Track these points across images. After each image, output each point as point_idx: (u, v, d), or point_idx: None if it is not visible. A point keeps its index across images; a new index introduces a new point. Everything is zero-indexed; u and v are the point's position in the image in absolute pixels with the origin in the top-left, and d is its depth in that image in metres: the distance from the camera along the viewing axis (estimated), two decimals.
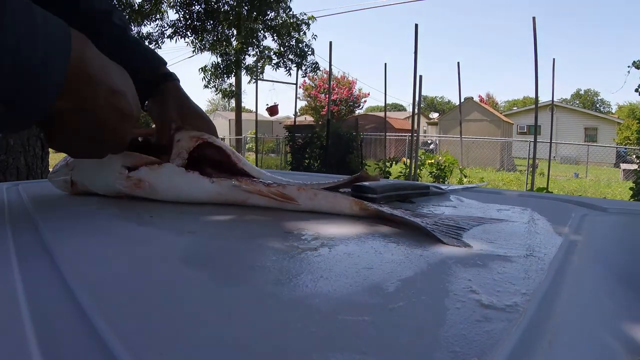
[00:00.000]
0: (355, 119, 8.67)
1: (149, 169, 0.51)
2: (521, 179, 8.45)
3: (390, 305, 0.23)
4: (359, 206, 0.46)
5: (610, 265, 0.35)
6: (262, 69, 8.03)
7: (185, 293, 0.25)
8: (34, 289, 0.25)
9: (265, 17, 7.52)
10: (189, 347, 0.19)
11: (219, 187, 0.49)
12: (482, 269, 0.30)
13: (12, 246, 0.34)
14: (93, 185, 0.56)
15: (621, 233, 0.49)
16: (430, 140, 14.91)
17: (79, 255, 0.32)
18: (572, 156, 15.05)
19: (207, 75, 8.46)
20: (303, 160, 6.63)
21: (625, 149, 13.40)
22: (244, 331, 0.21)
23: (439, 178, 5.94)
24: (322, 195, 0.48)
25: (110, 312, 0.22)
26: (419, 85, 5.25)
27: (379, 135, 9.12)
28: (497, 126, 13.47)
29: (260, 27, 7.50)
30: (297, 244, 0.35)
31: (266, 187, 0.48)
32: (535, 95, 5.00)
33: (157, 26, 7.57)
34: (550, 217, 0.50)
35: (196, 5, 7.53)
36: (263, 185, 0.49)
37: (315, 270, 0.29)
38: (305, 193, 0.48)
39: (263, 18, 7.48)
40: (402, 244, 0.36)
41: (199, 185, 0.50)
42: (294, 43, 7.70)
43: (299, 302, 0.24)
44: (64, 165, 0.59)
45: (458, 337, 0.20)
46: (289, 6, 7.68)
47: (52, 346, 0.19)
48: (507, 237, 0.39)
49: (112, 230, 0.40)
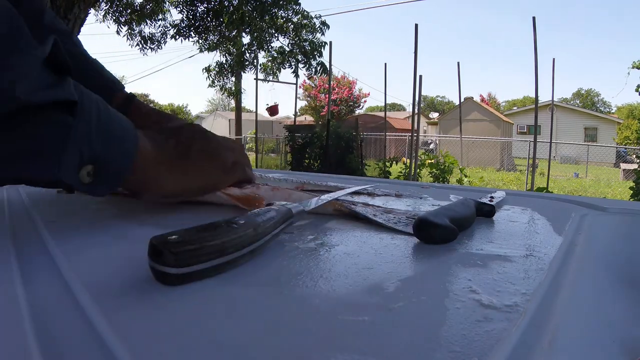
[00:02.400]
0: (355, 118, 8.67)
1: None
2: (521, 178, 8.45)
3: (390, 305, 0.23)
4: (333, 207, 0.47)
5: (610, 265, 0.35)
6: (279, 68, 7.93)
7: (185, 293, 0.25)
8: (34, 289, 0.25)
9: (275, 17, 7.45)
10: (188, 347, 0.19)
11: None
12: (482, 269, 0.30)
13: (12, 246, 0.34)
14: None
15: (621, 233, 0.49)
16: (430, 140, 14.91)
17: (79, 255, 0.32)
18: (572, 156, 15.05)
19: (212, 75, 8.44)
20: (303, 160, 6.63)
21: (625, 149, 13.42)
22: (244, 331, 0.21)
23: (439, 178, 5.94)
24: (297, 196, 0.49)
25: (110, 312, 0.22)
26: (419, 85, 5.25)
27: (378, 135, 9.12)
28: (497, 126, 13.47)
29: (265, 26, 7.45)
30: (297, 244, 0.35)
31: (240, 190, 0.49)
32: (535, 95, 5.00)
33: (159, 27, 7.55)
34: (550, 217, 0.50)
35: (200, 5, 7.50)
36: (237, 188, 0.50)
37: (315, 270, 0.29)
38: (279, 194, 0.49)
39: (270, 17, 7.42)
40: (402, 244, 0.36)
41: None
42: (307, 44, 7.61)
43: (299, 302, 0.24)
44: None
45: (458, 337, 0.20)
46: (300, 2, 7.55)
47: (52, 346, 0.19)
48: (507, 237, 0.39)
49: (112, 230, 0.40)
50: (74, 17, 2.57)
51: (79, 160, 0.33)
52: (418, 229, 0.36)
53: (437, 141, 13.00)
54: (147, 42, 7.44)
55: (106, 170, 0.36)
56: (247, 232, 0.29)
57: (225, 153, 0.48)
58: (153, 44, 7.50)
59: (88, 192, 0.36)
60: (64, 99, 0.32)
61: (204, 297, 0.24)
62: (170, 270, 0.25)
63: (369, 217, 0.44)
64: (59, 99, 0.32)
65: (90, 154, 0.34)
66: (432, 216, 0.36)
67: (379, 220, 0.43)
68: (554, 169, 9.28)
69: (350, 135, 6.48)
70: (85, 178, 0.35)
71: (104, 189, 0.37)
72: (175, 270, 0.25)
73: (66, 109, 0.32)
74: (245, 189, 0.49)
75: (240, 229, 0.29)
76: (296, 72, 7.70)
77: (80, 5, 2.58)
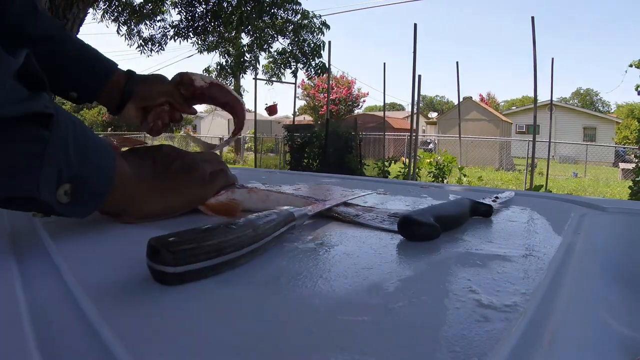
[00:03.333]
0: (354, 118, 8.66)
1: None
2: (520, 178, 8.46)
3: (390, 305, 0.23)
4: (313, 207, 0.47)
5: (610, 264, 0.35)
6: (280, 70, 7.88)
7: (185, 293, 0.25)
8: (34, 289, 0.25)
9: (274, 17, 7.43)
10: (188, 347, 0.19)
11: None
12: (482, 269, 0.30)
13: (12, 247, 0.34)
14: None
15: (620, 232, 0.49)
16: (429, 139, 14.92)
17: (79, 256, 0.32)
18: (571, 156, 15.07)
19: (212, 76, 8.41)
20: (302, 159, 6.63)
21: (624, 149, 13.43)
22: (244, 331, 0.21)
23: (438, 177, 5.94)
24: (275, 197, 0.49)
25: (110, 312, 0.22)
26: (418, 85, 5.26)
27: (377, 134, 9.12)
28: (496, 126, 13.47)
29: (264, 26, 7.42)
30: (297, 244, 0.35)
31: (214, 197, 0.48)
32: (534, 94, 5.01)
33: (159, 28, 7.53)
34: (549, 216, 0.50)
35: (198, 7, 7.49)
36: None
37: (315, 270, 0.29)
38: (256, 195, 0.49)
39: (269, 18, 7.39)
40: (401, 244, 0.36)
41: None
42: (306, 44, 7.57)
43: (299, 302, 0.24)
44: None
45: (458, 337, 0.20)
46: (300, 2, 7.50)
47: (52, 346, 0.19)
48: (507, 237, 0.39)
49: (112, 230, 0.40)
50: (73, 16, 2.56)
51: (56, 178, 0.31)
52: (401, 226, 0.37)
53: (436, 141, 13.01)
54: (147, 44, 7.42)
55: (84, 189, 0.34)
56: (246, 232, 0.29)
57: (203, 165, 0.47)
58: (154, 46, 7.48)
59: (65, 213, 0.33)
60: (38, 112, 0.30)
61: (203, 297, 0.24)
62: (168, 269, 0.25)
63: (352, 217, 0.44)
64: (33, 112, 0.30)
65: (68, 171, 0.32)
66: (415, 214, 0.37)
67: (361, 220, 0.43)
68: (553, 169, 9.29)
69: (349, 134, 6.48)
70: (63, 198, 0.32)
71: (82, 209, 0.35)
72: (172, 269, 0.25)
73: (42, 124, 0.30)
74: (220, 195, 0.48)
75: (238, 230, 0.29)
76: (295, 73, 7.69)
77: (79, 4, 2.57)
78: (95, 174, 0.35)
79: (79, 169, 0.33)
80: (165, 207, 0.44)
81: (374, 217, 0.45)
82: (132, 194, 0.41)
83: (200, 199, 0.47)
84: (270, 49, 7.83)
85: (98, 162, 0.36)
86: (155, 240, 0.26)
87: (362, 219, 0.44)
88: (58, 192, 0.32)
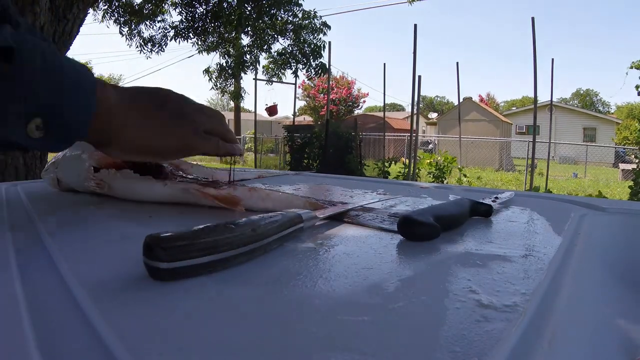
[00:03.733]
0: (354, 119, 8.66)
1: (108, 172, 0.55)
2: (520, 179, 8.46)
3: (390, 305, 0.23)
4: (314, 207, 0.47)
5: (610, 264, 0.35)
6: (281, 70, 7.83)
7: (184, 292, 0.25)
8: (34, 289, 0.25)
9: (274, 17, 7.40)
10: (188, 347, 0.19)
11: (171, 189, 0.52)
12: (482, 269, 0.30)
13: (12, 246, 0.34)
14: (71, 183, 0.59)
15: (620, 232, 0.49)
16: (429, 140, 14.91)
17: (79, 255, 0.32)
18: (571, 156, 15.06)
19: (212, 77, 8.39)
20: (302, 160, 6.63)
21: (624, 149, 13.43)
22: (244, 331, 0.21)
23: (438, 178, 5.94)
24: (275, 196, 0.49)
25: (110, 312, 0.22)
26: (418, 85, 5.26)
27: (377, 135, 9.12)
28: (496, 126, 13.48)
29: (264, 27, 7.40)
30: (297, 244, 0.35)
31: (216, 191, 0.49)
32: (534, 95, 5.01)
33: (159, 28, 7.52)
34: (549, 217, 0.50)
35: (199, 7, 7.48)
36: (213, 188, 0.50)
37: (315, 270, 0.29)
38: (256, 194, 0.49)
39: (269, 18, 7.37)
40: (401, 244, 0.36)
41: (152, 188, 0.52)
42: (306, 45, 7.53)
43: (299, 302, 0.24)
44: (51, 163, 0.61)
45: (458, 337, 0.20)
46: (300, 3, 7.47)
47: (52, 346, 0.19)
48: (507, 237, 0.39)
49: (112, 230, 0.40)
50: (73, 17, 2.56)
51: (24, 112, 0.30)
52: (401, 226, 0.37)
53: (436, 141, 13.01)
54: (147, 44, 7.42)
55: (59, 122, 0.33)
56: (244, 232, 0.29)
57: (201, 117, 0.45)
58: (154, 46, 7.47)
59: (39, 148, 0.33)
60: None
61: (204, 296, 0.24)
62: (161, 265, 0.25)
63: (352, 217, 0.45)
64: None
65: (37, 105, 0.31)
66: (415, 214, 0.37)
67: (361, 220, 0.44)
68: (553, 169, 9.29)
69: (349, 135, 6.48)
70: (35, 133, 0.31)
71: (59, 143, 0.34)
72: (165, 265, 0.25)
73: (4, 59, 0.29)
74: (222, 190, 0.49)
75: (237, 229, 0.29)
76: (296, 73, 7.69)
77: (79, 5, 2.57)
78: (71, 105, 0.34)
79: (51, 100, 0.32)
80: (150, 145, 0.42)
81: (374, 217, 0.45)
82: (118, 124, 0.39)
83: (188, 149, 0.45)
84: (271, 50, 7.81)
85: (75, 91, 0.34)
86: (151, 237, 0.26)
87: (362, 219, 0.44)
88: (29, 127, 0.31)
